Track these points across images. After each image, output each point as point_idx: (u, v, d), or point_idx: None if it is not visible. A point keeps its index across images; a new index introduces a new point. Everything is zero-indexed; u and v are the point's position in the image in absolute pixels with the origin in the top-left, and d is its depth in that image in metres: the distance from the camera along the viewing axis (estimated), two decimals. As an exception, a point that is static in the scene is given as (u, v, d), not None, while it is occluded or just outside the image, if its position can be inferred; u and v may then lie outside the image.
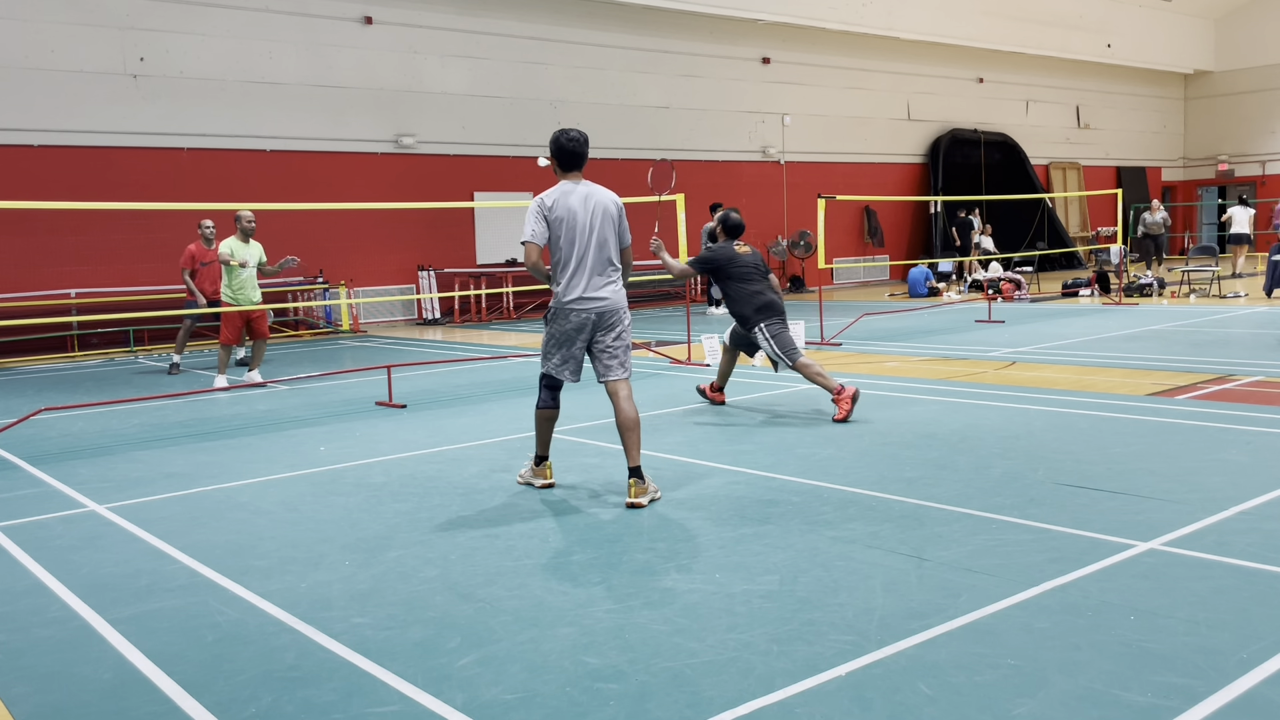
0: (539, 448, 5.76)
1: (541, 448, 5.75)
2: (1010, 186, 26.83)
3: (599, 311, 5.41)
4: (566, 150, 5.42)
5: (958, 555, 4.28)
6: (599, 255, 5.41)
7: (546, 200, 5.37)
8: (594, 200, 5.42)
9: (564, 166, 5.47)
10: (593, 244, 5.38)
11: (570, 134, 5.43)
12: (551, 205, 5.35)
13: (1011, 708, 2.94)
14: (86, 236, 15.00)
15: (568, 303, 5.40)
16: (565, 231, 5.34)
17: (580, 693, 3.15)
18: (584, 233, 5.36)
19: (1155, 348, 10.90)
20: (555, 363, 5.52)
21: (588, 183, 5.47)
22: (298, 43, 17.10)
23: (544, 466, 5.78)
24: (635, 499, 5.27)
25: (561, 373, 5.51)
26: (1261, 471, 5.47)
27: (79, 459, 7.16)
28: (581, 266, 5.37)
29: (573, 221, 5.35)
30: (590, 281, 5.39)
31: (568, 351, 5.48)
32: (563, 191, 5.39)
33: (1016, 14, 26.35)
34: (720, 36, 22.23)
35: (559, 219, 5.34)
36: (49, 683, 3.40)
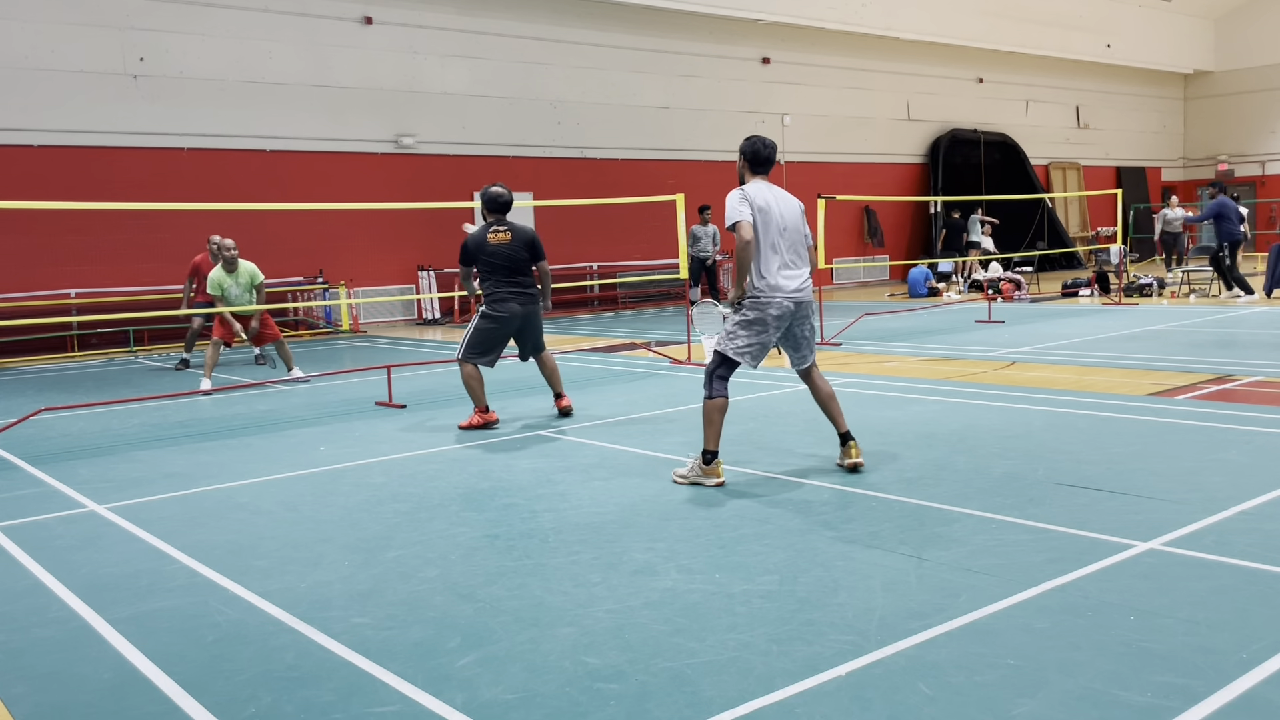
0: (710, 443, 5.60)
1: (713, 442, 5.59)
2: (1010, 186, 26.83)
3: (798, 301, 5.62)
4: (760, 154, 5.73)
5: (958, 555, 4.28)
6: (795, 248, 5.66)
7: (747, 190, 5.62)
8: (783, 196, 5.72)
9: (754, 168, 5.77)
10: (787, 237, 5.62)
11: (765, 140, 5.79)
12: (753, 195, 5.60)
13: (1011, 708, 2.94)
14: (86, 236, 15.00)
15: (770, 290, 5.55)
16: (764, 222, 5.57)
17: (580, 693, 3.15)
18: (780, 225, 5.61)
19: (1155, 348, 10.90)
20: (742, 346, 5.58)
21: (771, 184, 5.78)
22: (298, 43, 17.11)
23: (715, 464, 5.60)
24: (856, 459, 5.75)
25: (744, 356, 5.58)
26: (1261, 471, 5.47)
27: (79, 459, 7.16)
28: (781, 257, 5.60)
29: (769, 214, 5.58)
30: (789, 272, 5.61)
31: (763, 337, 5.59)
32: (757, 187, 5.67)
33: (1016, 14, 26.35)
34: (720, 36, 22.23)
35: (761, 209, 5.56)
36: (49, 683, 3.40)
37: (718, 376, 5.63)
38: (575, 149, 20.33)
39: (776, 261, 5.56)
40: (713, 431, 5.59)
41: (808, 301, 5.70)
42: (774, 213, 5.58)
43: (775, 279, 5.55)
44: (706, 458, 5.61)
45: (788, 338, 5.74)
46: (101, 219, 14.93)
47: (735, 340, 5.60)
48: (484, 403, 7.65)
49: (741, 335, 5.59)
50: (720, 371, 5.63)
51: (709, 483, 5.59)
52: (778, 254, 5.57)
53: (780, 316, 5.57)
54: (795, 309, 5.61)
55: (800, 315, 5.69)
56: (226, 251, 10.64)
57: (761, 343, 5.60)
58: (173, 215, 15.14)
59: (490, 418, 7.64)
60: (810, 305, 5.74)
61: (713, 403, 5.58)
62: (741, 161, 5.81)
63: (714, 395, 5.60)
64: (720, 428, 5.61)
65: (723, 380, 5.63)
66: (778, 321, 5.58)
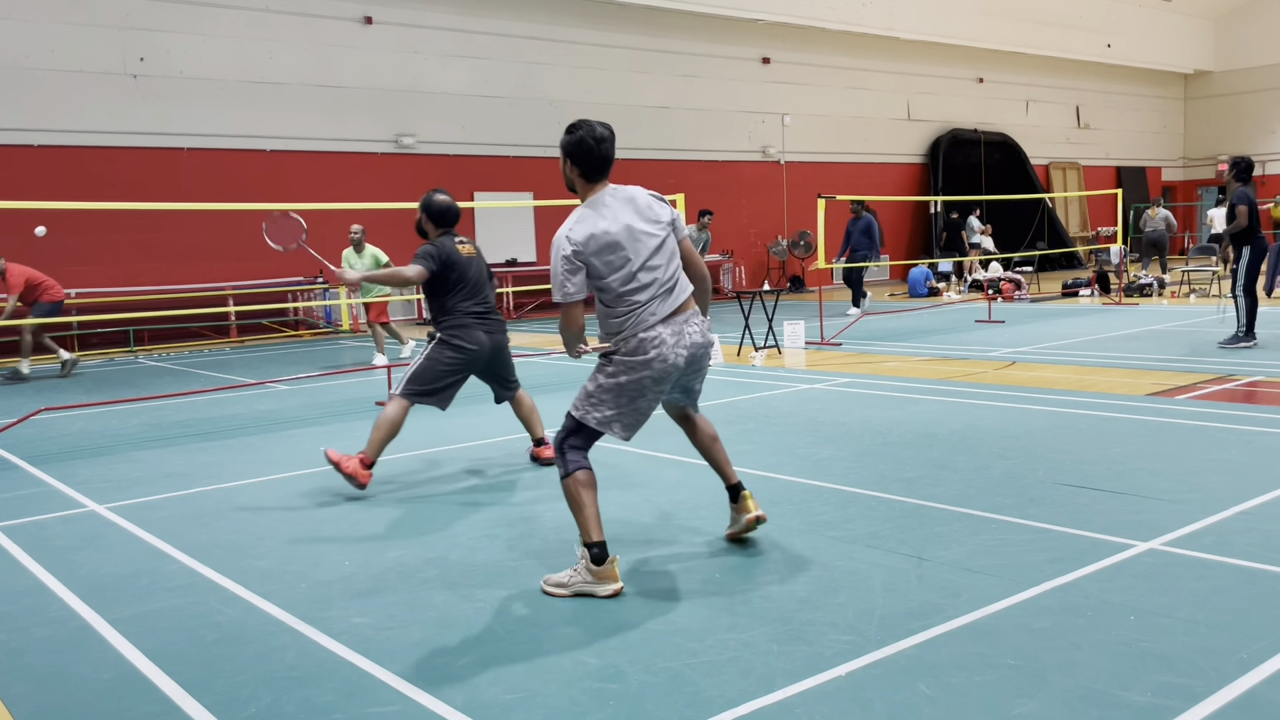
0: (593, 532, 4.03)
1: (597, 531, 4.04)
2: (1010, 186, 26.82)
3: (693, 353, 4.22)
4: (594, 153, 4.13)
5: (958, 555, 4.28)
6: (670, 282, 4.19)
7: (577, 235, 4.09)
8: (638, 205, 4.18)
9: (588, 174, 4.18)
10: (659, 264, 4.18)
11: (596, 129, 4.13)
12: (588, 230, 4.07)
13: (1011, 708, 2.94)
14: (86, 236, 14.99)
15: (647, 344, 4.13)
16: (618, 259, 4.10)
17: (580, 693, 3.15)
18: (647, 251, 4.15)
19: (1155, 348, 10.90)
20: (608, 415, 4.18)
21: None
22: (298, 43, 17.11)
23: (609, 562, 4.01)
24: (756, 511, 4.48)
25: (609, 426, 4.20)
26: (1261, 471, 5.46)
27: (79, 459, 7.16)
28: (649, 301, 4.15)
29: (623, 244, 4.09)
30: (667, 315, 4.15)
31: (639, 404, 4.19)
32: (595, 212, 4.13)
33: (1016, 14, 26.35)
34: (720, 36, 22.23)
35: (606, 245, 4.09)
36: (49, 683, 3.40)
37: (571, 446, 4.13)
38: (575, 149, 20.31)
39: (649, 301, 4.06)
40: (587, 517, 4.02)
41: (705, 354, 4.26)
42: (627, 244, 4.03)
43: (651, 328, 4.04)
44: (594, 555, 3.98)
45: (677, 390, 4.36)
46: (101, 219, 14.93)
47: (599, 409, 4.11)
48: (375, 456, 5.76)
49: (607, 401, 4.11)
50: (573, 441, 4.14)
51: (602, 591, 3.95)
52: (648, 290, 4.06)
53: (660, 378, 4.09)
54: (686, 366, 4.15)
55: (694, 368, 4.24)
56: (355, 234, 11.98)
57: (637, 410, 4.13)
58: (173, 215, 15.14)
59: (361, 476, 5.69)
60: (707, 354, 4.29)
61: (574, 479, 4.05)
62: (568, 166, 4.14)
63: (570, 470, 4.07)
64: (596, 509, 4.04)
65: (579, 450, 4.13)
66: (657, 384, 4.10)
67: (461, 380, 6.08)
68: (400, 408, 5.83)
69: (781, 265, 23.35)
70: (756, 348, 11.74)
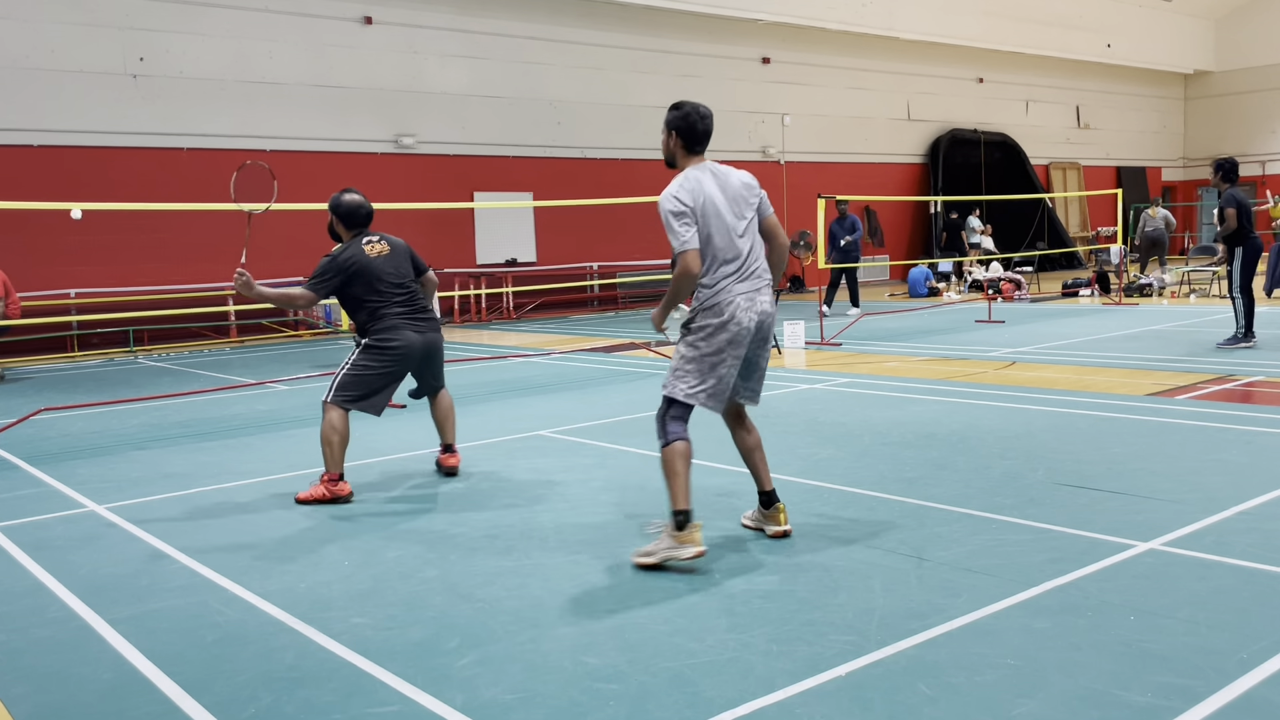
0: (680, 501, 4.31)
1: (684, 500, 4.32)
2: (1010, 186, 26.83)
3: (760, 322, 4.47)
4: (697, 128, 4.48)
5: (958, 555, 4.28)
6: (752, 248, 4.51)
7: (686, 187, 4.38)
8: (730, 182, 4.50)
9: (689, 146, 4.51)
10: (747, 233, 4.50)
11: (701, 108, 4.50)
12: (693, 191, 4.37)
13: (1011, 708, 2.94)
14: (86, 236, 14.98)
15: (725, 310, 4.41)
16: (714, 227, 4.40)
17: (580, 693, 3.15)
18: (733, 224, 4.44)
19: (1155, 348, 10.89)
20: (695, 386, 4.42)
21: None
22: (298, 43, 17.11)
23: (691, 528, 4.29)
24: (784, 526, 4.63)
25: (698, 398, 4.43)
26: (1261, 471, 5.46)
27: (79, 459, 7.16)
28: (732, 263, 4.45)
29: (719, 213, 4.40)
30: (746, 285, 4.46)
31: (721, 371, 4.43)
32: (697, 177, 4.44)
33: (1016, 14, 26.36)
34: (720, 36, 22.23)
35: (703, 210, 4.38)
36: (49, 683, 3.40)
37: (672, 417, 4.40)
38: (575, 149, 20.34)
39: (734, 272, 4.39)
40: (678, 486, 4.30)
41: (770, 322, 4.52)
42: (723, 209, 4.39)
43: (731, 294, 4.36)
44: (678, 521, 4.28)
45: (744, 366, 4.53)
46: (101, 219, 14.91)
47: (685, 380, 4.39)
48: (340, 468, 5.66)
49: (691, 372, 4.38)
50: (674, 412, 4.41)
51: (684, 554, 4.24)
52: (733, 263, 4.39)
53: (736, 341, 4.37)
54: (755, 331, 4.44)
55: (761, 336, 4.50)
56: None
57: (719, 378, 4.39)
58: (173, 215, 15.14)
59: (342, 490, 5.64)
60: (772, 324, 4.55)
61: (671, 449, 4.33)
62: (672, 140, 4.49)
63: (670, 439, 4.35)
64: (687, 480, 4.32)
65: (679, 421, 4.40)
66: (734, 349, 4.38)
67: (396, 382, 5.95)
68: (339, 416, 5.70)
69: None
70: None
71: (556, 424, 7.74)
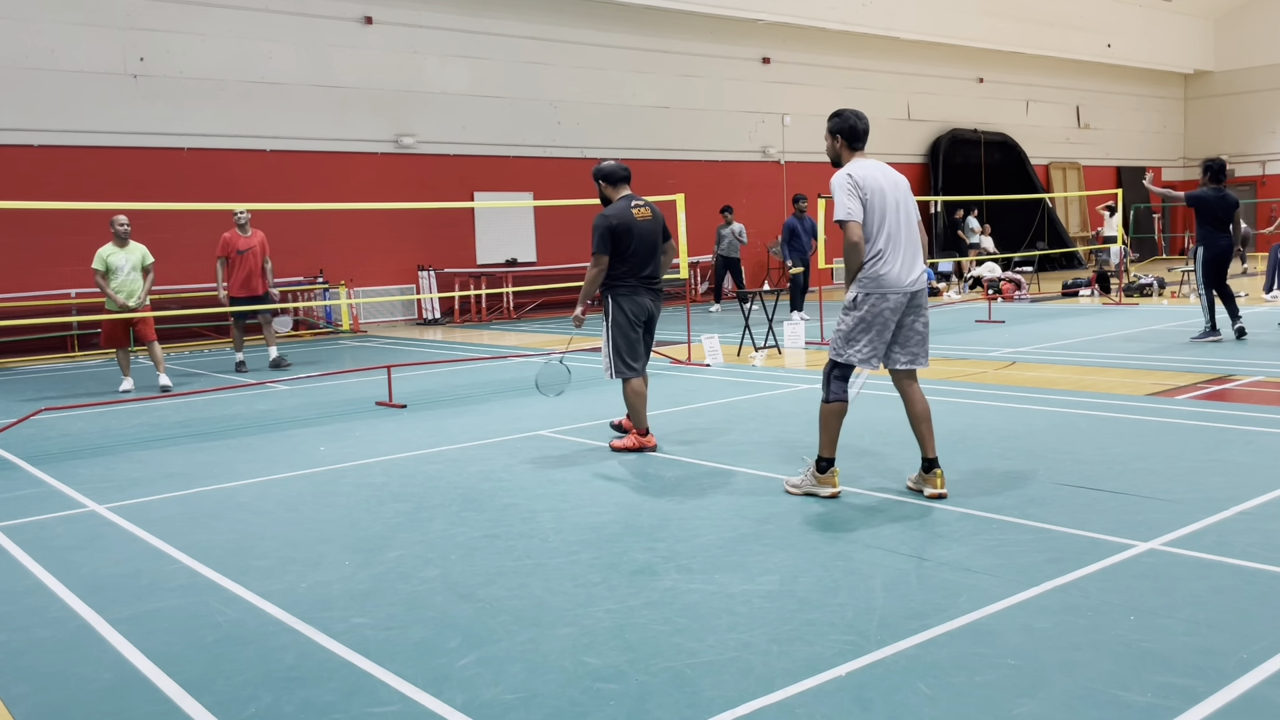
0: (826, 450, 5.18)
1: (829, 449, 5.18)
2: (1010, 186, 26.83)
3: (912, 292, 5.13)
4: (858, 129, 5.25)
5: (958, 555, 4.28)
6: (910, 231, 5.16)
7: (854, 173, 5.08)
8: (891, 174, 5.22)
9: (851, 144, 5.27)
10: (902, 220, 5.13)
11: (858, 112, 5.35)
12: (862, 177, 5.06)
13: (1011, 708, 2.94)
14: (86, 236, 14.95)
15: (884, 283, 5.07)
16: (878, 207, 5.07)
17: (580, 693, 3.15)
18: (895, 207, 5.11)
19: (1155, 348, 10.90)
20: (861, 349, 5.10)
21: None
22: (298, 43, 17.11)
23: (831, 473, 5.21)
24: (940, 489, 5.15)
25: (862, 360, 5.11)
26: (1261, 471, 5.47)
27: (79, 459, 7.16)
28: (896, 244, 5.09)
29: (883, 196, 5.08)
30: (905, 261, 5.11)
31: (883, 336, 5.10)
32: (863, 167, 5.14)
33: (1016, 14, 26.35)
34: (720, 36, 22.23)
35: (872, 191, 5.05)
36: (49, 683, 3.40)
37: (835, 378, 5.16)
38: (575, 149, 20.33)
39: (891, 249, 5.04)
40: (827, 437, 5.15)
41: (923, 291, 5.20)
42: (888, 195, 5.06)
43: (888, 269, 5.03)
44: (821, 465, 5.21)
45: (899, 331, 5.16)
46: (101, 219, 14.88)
47: (852, 344, 5.08)
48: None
49: (860, 337, 5.07)
50: (837, 373, 5.16)
51: (823, 493, 5.19)
52: (892, 242, 5.05)
53: (896, 309, 5.06)
54: (910, 300, 5.11)
55: (914, 305, 5.14)
56: (120, 227, 10.57)
57: (881, 342, 5.09)
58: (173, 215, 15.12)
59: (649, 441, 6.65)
60: (925, 295, 5.22)
61: (829, 407, 5.15)
62: (837, 141, 5.28)
63: (831, 399, 5.16)
64: (837, 433, 5.16)
65: (841, 382, 5.15)
66: (894, 315, 5.07)
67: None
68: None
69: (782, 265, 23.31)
70: (757, 348, 11.75)
71: (556, 424, 7.74)
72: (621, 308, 6.55)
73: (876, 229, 5.03)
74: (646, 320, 6.67)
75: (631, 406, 6.57)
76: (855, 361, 5.09)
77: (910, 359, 5.22)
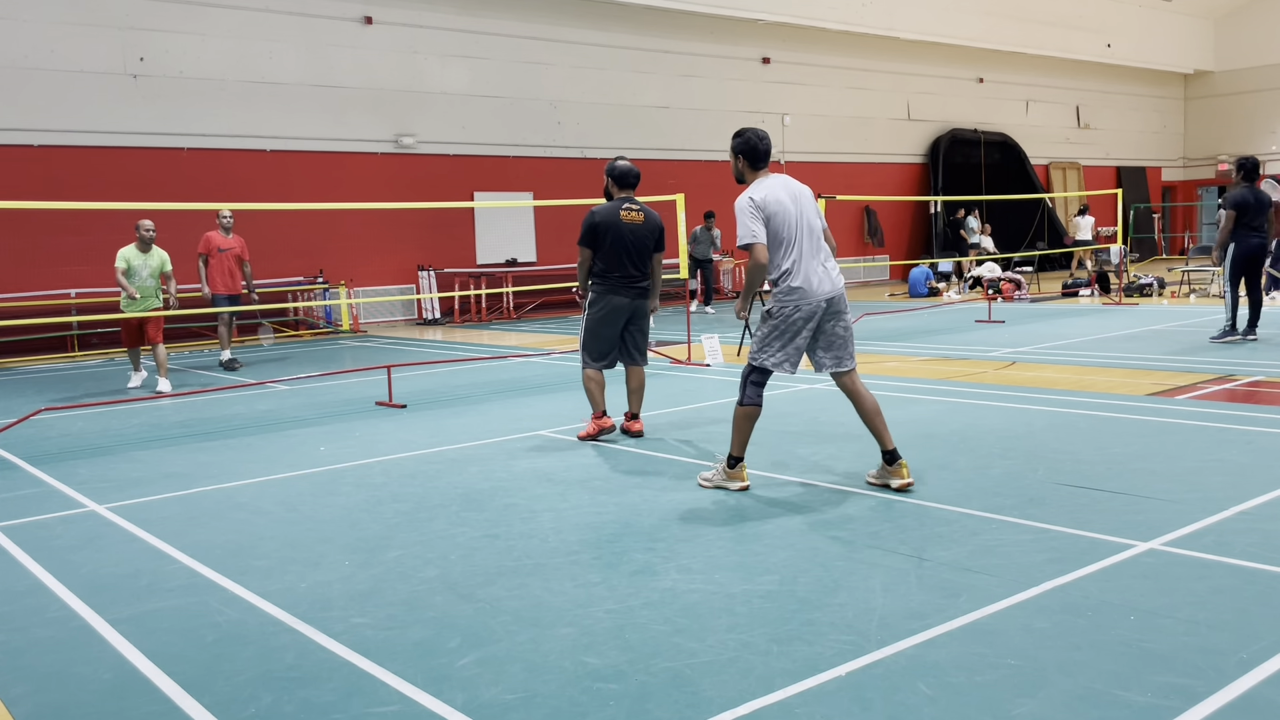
0: (736, 449, 5.48)
1: (740, 449, 5.48)
2: (1010, 186, 26.83)
3: (829, 299, 5.35)
4: (759, 149, 5.44)
5: (958, 555, 4.28)
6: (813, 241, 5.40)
7: (755, 195, 5.30)
8: (794, 187, 5.45)
9: (754, 164, 5.47)
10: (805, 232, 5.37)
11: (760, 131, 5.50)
12: (763, 198, 5.29)
13: (1011, 708, 2.94)
14: (86, 236, 14.99)
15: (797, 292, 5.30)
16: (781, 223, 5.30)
17: (580, 693, 3.15)
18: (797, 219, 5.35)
19: (1155, 348, 10.90)
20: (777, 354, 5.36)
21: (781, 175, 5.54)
22: (298, 43, 17.11)
23: (740, 468, 5.51)
24: (907, 479, 5.35)
25: (780, 366, 5.36)
26: (1261, 471, 5.47)
27: (79, 459, 7.16)
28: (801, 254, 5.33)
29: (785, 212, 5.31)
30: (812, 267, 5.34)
31: (796, 342, 5.34)
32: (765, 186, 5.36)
33: (1016, 14, 26.35)
34: (720, 36, 22.23)
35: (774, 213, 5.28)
36: (49, 683, 3.40)
37: (752, 383, 5.42)
38: (575, 149, 20.34)
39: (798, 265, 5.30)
40: (739, 438, 5.46)
41: (840, 297, 5.41)
42: (790, 211, 5.31)
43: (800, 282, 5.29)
44: (731, 462, 5.51)
45: (820, 337, 5.40)
46: (101, 219, 14.92)
47: (766, 350, 5.36)
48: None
49: (774, 344, 5.35)
50: (754, 378, 5.41)
51: (733, 486, 5.50)
52: (801, 256, 5.31)
53: (809, 317, 5.30)
54: (827, 306, 5.34)
55: (831, 312, 5.37)
56: (146, 232, 10.71)
57: (796, 347, 5.34)
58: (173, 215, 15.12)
59: (606, 422, 7.09)
60: (844, 300, 5.44)
61: (743, 409, 5.42)
62: (740, 161, 5.49)
63: (745, 402, 5.42)
64: (748, 435, 5.46)
65: (757, 387, 5.41)
66: (807, 323, 5.31)
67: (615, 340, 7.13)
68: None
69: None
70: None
71: (556, 424, 7.74)
72: (593, 303, 7.01)
73: (784, 248, 5.30)
74: (629, 317, 7.04)
75: (587, 391, 7.02)
76: (769, 365, 5.35)
77: (835, 362, 5.43)
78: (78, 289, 14.89)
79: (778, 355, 5.34)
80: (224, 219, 12.38)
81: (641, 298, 7.07)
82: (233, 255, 12.34)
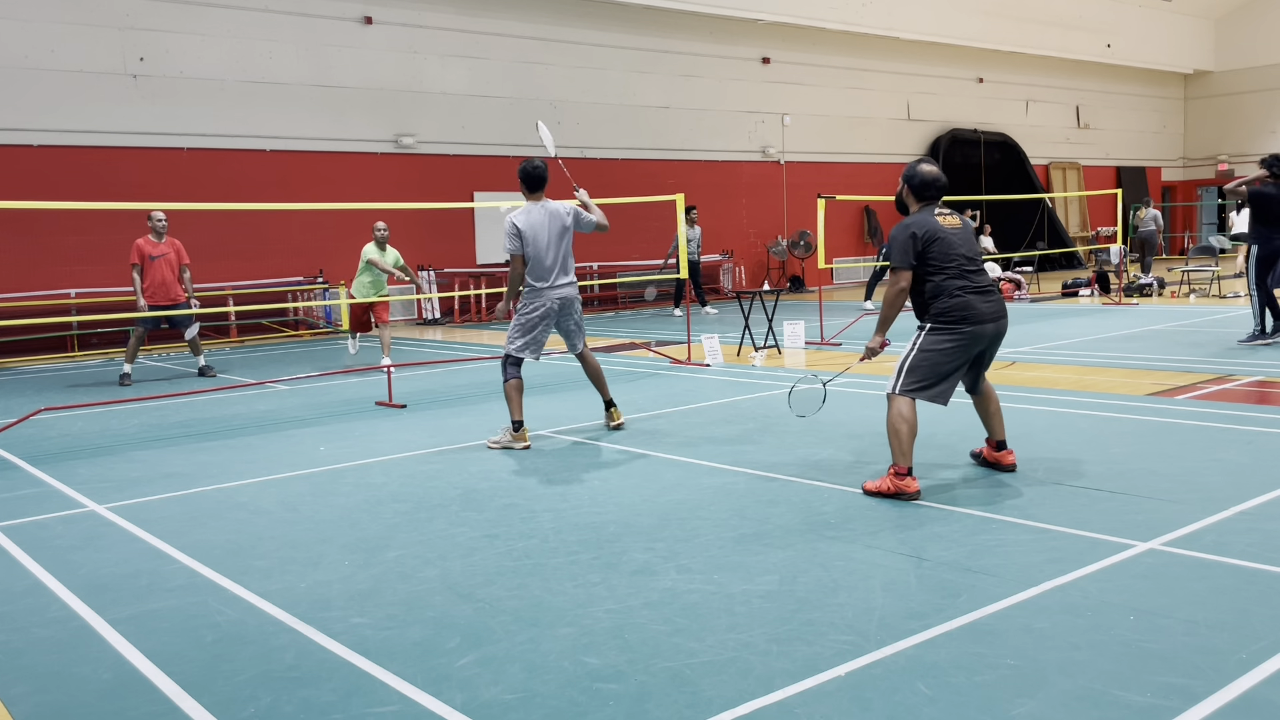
0: (515, 414, 6.89)
1: (518, 414, 6.90)
2: (1010, 186, 26.82)
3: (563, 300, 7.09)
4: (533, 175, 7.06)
5: (958, 555, 4.28)
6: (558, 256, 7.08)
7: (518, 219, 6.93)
8: (550, 211, 7.06)
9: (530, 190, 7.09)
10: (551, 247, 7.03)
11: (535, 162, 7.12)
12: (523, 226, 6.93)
13: (1011, 708, 2.94)
14: (86, 236, 14.99)
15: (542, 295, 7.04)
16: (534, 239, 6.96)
17: (580, 693, 3.15)
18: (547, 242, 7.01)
19: (1155, 348, 10.89)
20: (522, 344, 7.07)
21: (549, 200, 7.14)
22: (298, 43, 17.10)
23: (522, 431, 6.87)
24: (619, 420, 7.42)
25: (524, 352, 7.07)
26: (1261, 471, 5.46)
27: (79, 459, 7.16)
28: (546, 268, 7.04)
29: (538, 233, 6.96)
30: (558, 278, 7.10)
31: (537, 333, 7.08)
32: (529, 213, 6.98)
33: (1016, 14, 26.35)
34: (720, 36, 22.23)
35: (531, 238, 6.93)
36: (49, 683, 3.40)
37: (510, 364, 7.01)
38: (575, 149, 20.33)
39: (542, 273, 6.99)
40: (514, 405, 6.90)
41: (572, 299, 7.13)
42: (542, 233, 6.93)
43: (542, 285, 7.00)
44: (515, 426, 6.86)
45: (560, 328, 7.20)
46: (101, 219, 14.92)
47: (514, 341, 7.05)
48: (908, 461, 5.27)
49: (521, 336, 7.03)
50: (510, 361, 7.01)
51: (517, 446, 6.83)
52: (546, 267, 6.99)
53: (547, 315, 7.02)
54: (560, 307, 7.06)
55: (565, 311, 7.11)
56: (381, 233, 11.67)
57: (535, 340, 7.05)
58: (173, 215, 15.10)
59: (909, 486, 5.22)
60: (575, 302, 7.17)
61: (508, 385, 6.94)
62: (521, 187, 7.11)
63: (507, 379, 6.97)
64: (519, 403, 6.91)
65: (514, 367, 7.00)
66: (546, 320, 7.02)
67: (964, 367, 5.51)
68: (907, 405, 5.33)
69: (781, 265, 23.35)
70: (756, 348, 11.74)
71: (556, 424, 7.74)
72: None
73: (534, 260, 6.96)
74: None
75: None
76: (516, 352, 7.03)
77: (572, 345, 7.32)
78: (78, 289, 14.89)
79: (522, 343, 7.05)
80: (156, 222, 11.23)
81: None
82: (167, 261, 11.17)
